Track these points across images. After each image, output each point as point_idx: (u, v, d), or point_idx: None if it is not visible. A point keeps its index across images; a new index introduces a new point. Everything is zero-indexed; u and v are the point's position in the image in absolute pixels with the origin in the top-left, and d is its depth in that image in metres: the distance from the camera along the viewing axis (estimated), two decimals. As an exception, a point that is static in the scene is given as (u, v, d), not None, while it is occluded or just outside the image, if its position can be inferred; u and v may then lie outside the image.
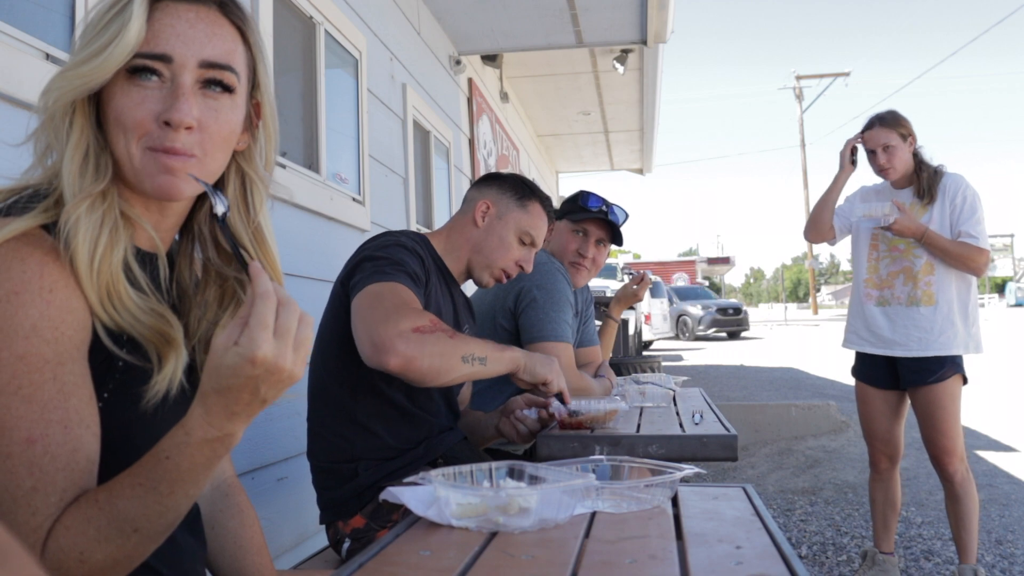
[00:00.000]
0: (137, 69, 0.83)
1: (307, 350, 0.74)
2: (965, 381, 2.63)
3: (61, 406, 0.76)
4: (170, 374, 0.84)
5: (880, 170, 2.73)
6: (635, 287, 2.82)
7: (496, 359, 1.55)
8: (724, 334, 20.35)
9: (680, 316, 20.07)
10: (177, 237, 0.99)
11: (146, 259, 0.90)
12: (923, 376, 2.60)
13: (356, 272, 1.58)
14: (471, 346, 1.49)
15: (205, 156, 0.86)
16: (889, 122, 2.70)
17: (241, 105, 0.90)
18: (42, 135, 0.84)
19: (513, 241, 1.83)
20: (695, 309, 19.96)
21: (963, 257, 2.56)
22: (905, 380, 2.68)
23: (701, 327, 19.68)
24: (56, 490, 0.75)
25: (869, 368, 2.79)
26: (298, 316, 0.73)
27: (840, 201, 2.88)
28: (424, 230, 4.06)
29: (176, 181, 0.85)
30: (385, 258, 1.58)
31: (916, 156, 2.72)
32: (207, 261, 0.98)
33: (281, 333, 0.71)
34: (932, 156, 2.74)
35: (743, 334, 20.51)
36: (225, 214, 0.81)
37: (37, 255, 0.76)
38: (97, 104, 0.85)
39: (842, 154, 2.85)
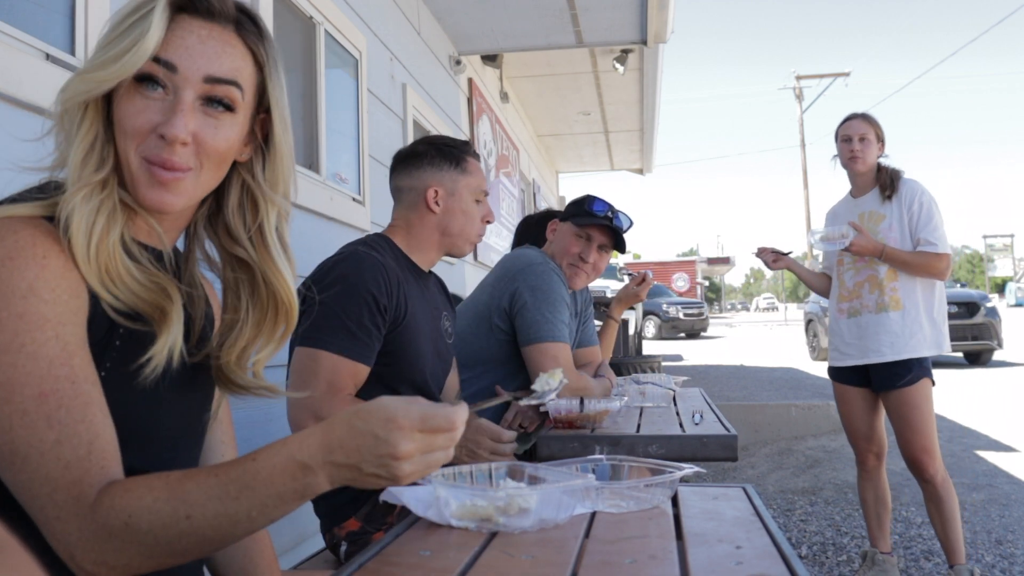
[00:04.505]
0: (143, 78, 0.84)
1: (421, 476, 0.79)
2: (932, 383, 2.69)
3: (67, 363, 0.76)
4: (169, 343, 0.84)
5: (851, 157, 2.79)
6: (636, 287, 2.82)
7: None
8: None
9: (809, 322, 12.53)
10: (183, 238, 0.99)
11: (150, 253, 0.91)
12: (894, 380, 2.66)
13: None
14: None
15: (200, 169, 0.87)
16: (871, 120, 2.81)
17: (243, 122, 0.91)
18: (59, 130, 0.86)
19: (474, 208, 1.84)
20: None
21: (924, 266, 2.65)
22: (877, 385, 2.74)
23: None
24: (82, 442, 0.75)
25: (843, 369, 2.85)
26: (445, 454, 0.79)
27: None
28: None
29: (167, 195, 0.86)
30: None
31: (879, 164, 2.80)
32: (207, 260, 0.98)
33: (427, 463, 0.78)
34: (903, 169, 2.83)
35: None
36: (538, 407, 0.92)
37: (29, 229, 0.78)
38: (109, 100, 0.86)
39: (765, 262, 3.02)
